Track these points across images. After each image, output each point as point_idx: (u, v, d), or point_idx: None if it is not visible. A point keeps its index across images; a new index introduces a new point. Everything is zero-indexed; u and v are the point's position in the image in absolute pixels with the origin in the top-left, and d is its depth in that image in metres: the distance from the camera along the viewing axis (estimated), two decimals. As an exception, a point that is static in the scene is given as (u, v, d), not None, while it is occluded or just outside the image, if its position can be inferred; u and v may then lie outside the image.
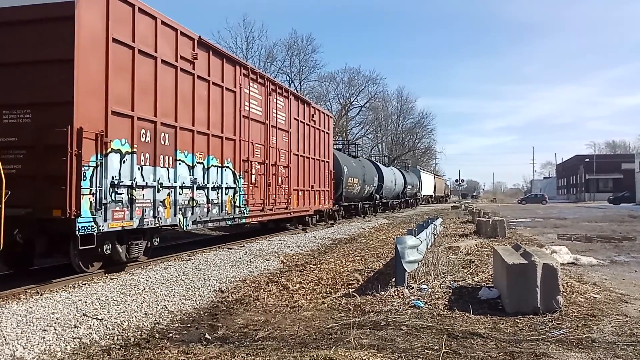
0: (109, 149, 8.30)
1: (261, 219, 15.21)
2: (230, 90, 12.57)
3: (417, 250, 8.13)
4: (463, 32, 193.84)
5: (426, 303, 6.67)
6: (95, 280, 8.30)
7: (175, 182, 10.16)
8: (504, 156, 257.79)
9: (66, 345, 5.19)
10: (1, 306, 6.45)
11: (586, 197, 77.48)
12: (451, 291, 7.31)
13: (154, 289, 7.78)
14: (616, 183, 77.25)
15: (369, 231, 19.27)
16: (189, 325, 6.08)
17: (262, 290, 7.91)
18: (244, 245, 13.40)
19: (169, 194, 9.97)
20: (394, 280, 7.70)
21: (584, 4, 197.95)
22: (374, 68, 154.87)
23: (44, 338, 5.32)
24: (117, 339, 5.48)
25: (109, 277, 8.58)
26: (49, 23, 7.92)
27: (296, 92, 20.73)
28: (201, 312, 6.72)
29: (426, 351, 4.74)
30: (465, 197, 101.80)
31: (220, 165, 11.98)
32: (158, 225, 9.64)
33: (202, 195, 11.23)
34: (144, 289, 7.75)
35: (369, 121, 62.86)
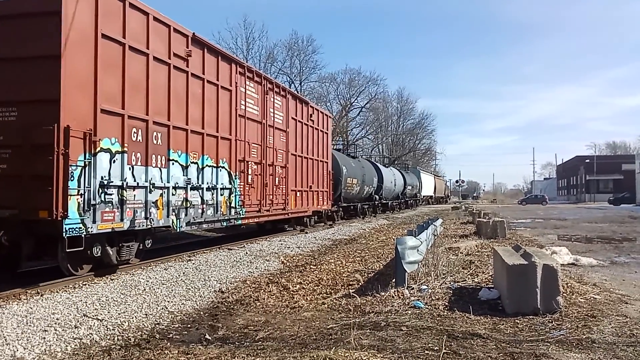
0: (98, 148, 8.09)
1: (258, 220, 15.00)
2: (226, 88, 12.32)
3: (418, 251, 8.14)
4: (463, 32, 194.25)
5: (426, 304, 6.67)
6: (95, 281, 8.29)
7: (168, 182, 9.92)
8: (504, 157, 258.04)
9: (66, 346, 5.20)
10: (2, 306, 6.45)
11: (586, 198, 77.47)
12: (451, 292, 7.32)
13: (154, 289, 7.79)
14: (616, 184, 77.23)
15: (369, 232, 19.26)
16: (189, 326, 6.09)
17: (262, 290, 7.92)
18: (244, 246, 13.40)
19: (161, 195, 9.74)
20: (394, 280, 7.71)
21: (584, 4, 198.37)
22: (374, 69, 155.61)
23: (44, 338, 5.33)
24: (118, 339, 5.49)
25: (109, 277, 8.58)
26: (35, 18, 7.66)
27: (294, 91, 20.56)
28: (201, 313, 6.73)
29: (426, 352, 4.75)
30: (465, 198, 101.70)
31: (215, 165, 11.77)
32: (150, 226, 9.39)
33: (197, 196, 11.01)
34: (144, 289, 7.76)
35: (369, 122, 62.82)
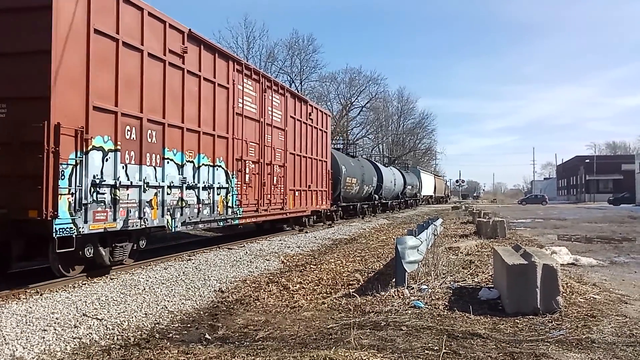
0: (90, 146, 7.92)
1: (255, 220, 14.85)
2: (223, 86, 12.18)
3: (418, 250, 8.13)
4: (463, 32, 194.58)
5: (426, 303, 6.67)
6: (95, 280, 8.29)
7: (163, 181, 9.76)
8: (504, 157, 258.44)
9: (66, 345, 5.19)
10: (1, 306, 6.45)
11: (586, 198, 77.46)
12: (451, 292, 7.32)
13: (154, 289, 7.79)
14: (616, 184, 77.26)
15: (369, 231, 19.25)
16: (189, 326, 6.08)
17: (262, 290, 7.92)
18: (244, 246, 13.40)
19: (156, 194, 9.57)
20: (394, 280, 7.70)
21: (584, 4, 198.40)
22: (374, 68, 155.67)
23: (43, 338, 5.32)
24: (117, 339, 5.48)
25: (108, 277, 8.57)
26: (25, 12, 7.49)
27: (293, 89, 20.42)
28: (201, 312, 6.72)
29: (426, 351, 4.74)
30: (465, 198, 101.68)
31: (211, 164, 11.63)
32: (144, 226, 9.23)
33: (192, 195, 10.86)
34: (144, 289, 7.75)
35: (369, 121, 62.91)
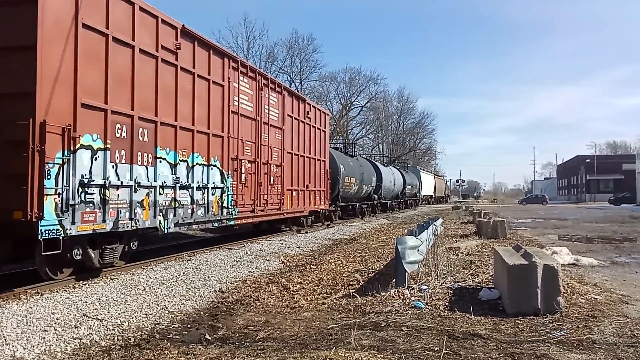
0: (78, 145, 7.67)
1: (252, 220, 14.57)
2: (218, 84, 11.90)
3: (418, 250, 8.12)
4: (464, 32, 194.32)
5: (427, 304, 6.66)
6: (95, 281, 8.29)
7: (155, 181, 9.49)
8: (504, 156, 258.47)
9: (66, 346, 5.19)
10: (1, 306, 6.44)
11: (587, 198, 77.43)
12: (452, 292, 7.31)
13: (154, 289, 7.78)
14: (617, 184, 77.20)
15: (369, 232, 19.25)
16: (189, 326, 6.08)
17: (262, 290, 7.91)
18: (244, 246, 13.40)
19: (147, 194, 9.31)
20: (394, 280, 7.70)
21: (584, 3, 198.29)
22: (374, 68, 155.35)
23: (44, 338, 5.32)
24: (117, 339, 5.48)
25: (109, 277, 8.57)
26: (9, 6, 7.27)
27: (291, 88, 20.32)
28: (201, 313, 6.72)
29: (426, 352, 4.74)
30: (465, 198, 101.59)
31: (206, 163, 11.37)
32: (135, 227, 8.96)
33: (186, 196, 10.59)
34: (144, 289, 7.75)
35: (369, 121, 62.88)
